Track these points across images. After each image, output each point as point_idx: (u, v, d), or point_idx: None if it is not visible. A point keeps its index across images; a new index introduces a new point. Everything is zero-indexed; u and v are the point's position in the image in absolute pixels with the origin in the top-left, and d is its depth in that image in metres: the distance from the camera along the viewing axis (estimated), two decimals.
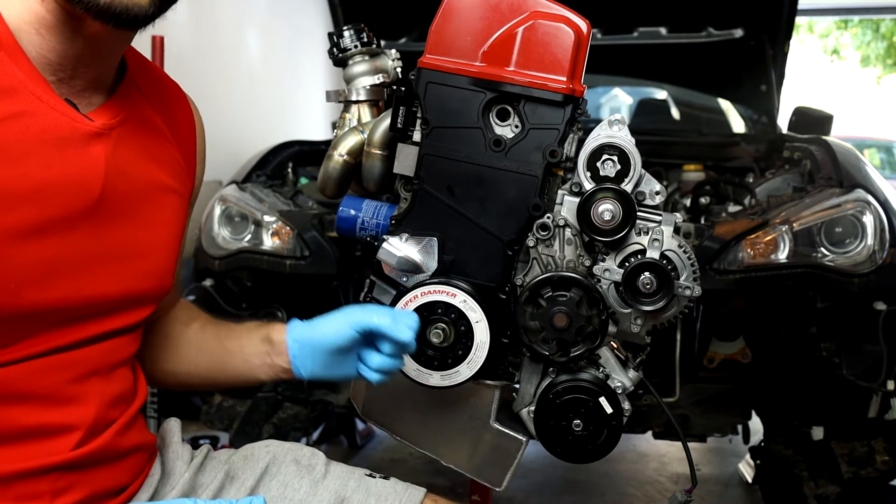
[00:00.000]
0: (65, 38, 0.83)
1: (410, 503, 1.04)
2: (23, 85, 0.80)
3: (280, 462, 1.07)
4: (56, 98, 0.83)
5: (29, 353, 0.83)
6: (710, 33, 3.33)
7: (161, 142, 0.98)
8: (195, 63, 3.79)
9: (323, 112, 5.47)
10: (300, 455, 1.08)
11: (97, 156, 0.86)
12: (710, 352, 2.39)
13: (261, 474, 1.05)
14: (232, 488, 1.04)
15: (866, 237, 2.11)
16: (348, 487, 1.05)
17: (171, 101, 1.03)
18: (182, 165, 1.02)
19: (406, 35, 3.37)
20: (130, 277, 0.91)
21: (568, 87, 1.00)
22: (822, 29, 14.75)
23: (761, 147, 3.07)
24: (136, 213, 0.92)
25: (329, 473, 1.07)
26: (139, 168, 0.93)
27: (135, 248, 0.92)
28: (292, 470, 1.06)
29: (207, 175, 1.12)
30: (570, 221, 1.03)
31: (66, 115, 0.84)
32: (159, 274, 0.96)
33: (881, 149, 10.42)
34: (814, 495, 2.33)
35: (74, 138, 0.84)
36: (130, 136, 0.92)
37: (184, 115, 1.05)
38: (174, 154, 1.00)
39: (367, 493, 1.05)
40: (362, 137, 1.16)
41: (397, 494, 1.05)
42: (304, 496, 1.04)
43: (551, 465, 3.02)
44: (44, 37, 0.82)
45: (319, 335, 1.00)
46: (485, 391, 1.08)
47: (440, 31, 1.03)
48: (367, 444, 3.38)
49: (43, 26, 0.82)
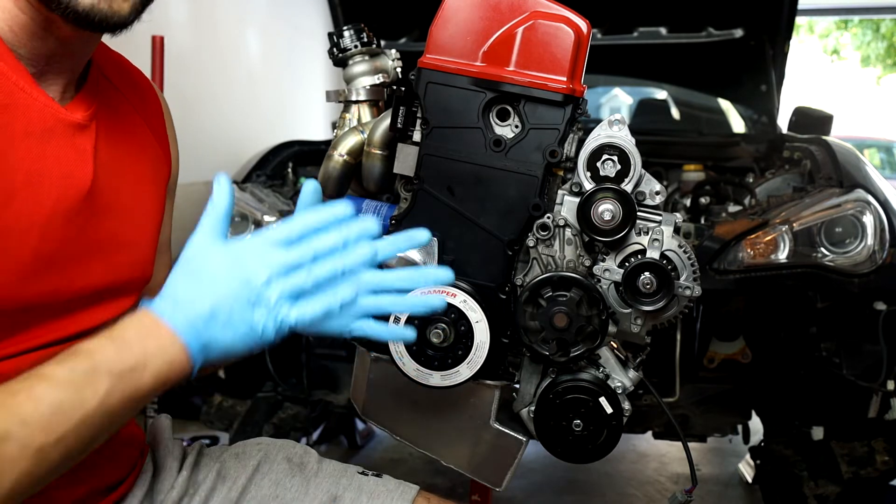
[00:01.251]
0: (36, 36, 0.82)
1: (403, 501, 1.04)
2: (4, 76, 0.79)
3: (272, 460, 1.07)
4: (38, 90, 0.83)
5: (21, 348, 0.82)
6: (710, 33, 3.33)
7: (137, 130, 0.98)
8: (195, 63, 3.79)
9: (323, 112, 5.47)
10: (292, 453, 1.09)
11: (84, 147, 0.86)
12: (710, 352, 2.38)
13: (252, 472, 1.05)
14: (224, 487, 1.04)
15: (866, 237, 2.11)
16: (340, 485, 1.05)
17: (139, 87, 1.03)
18: (159, 153, 1.02)
19: (406, 35, 3.37)
20: (118, 267, 0.91)
21: (568, 87, 1.00)
22: (822, 29, 14.76)
23: (761, 147, 3.07)
24: (121, 203, 0.92)
25: (321, 471, 1.07)
26: (121, 158, 0.93)
27: (121, 238, 0.92)
28: (284, 468, 1.06)
29: (208, 175, 1.12)
30: (570, 221, 1.03)
31: (48, 107, 0.83)
32: (143, 263, 0.96)
33: (881, 149, 10.42)
34: (814, 495, 2.33)
35: (59, 130, 0.84)
36: (109, 126, 0.92)
37: (153, 101, 1.04)
38: (151, 141, 1.01)
39: (359, 491, 1.05)
40: (362, 137, 1.16)
41: (389, 492, 1.05)
42: (295, 494, 1.04)
43: (551, 465, 3.02)
44: (16, 33, 0.81)
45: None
46: (485, 391, 1.08)
47: (440, 31, 1.03)
48: (367, 444, 3.38)
49: (16, 23, 0.81)
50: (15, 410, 0.64)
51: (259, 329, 0.75)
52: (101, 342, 0.71)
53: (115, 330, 0.73)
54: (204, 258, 0.76)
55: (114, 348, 0.71)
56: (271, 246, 0.76)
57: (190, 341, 0.73)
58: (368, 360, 1.10)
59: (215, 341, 0.74)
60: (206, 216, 0.79)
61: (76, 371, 0.68)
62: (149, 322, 0.73)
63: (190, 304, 0.74)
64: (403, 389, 1.06)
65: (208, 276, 0.75)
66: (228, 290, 0.74)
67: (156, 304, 0.74)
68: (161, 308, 0.74)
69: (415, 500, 1.05)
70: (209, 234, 0.78)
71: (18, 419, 0.64)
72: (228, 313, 0.74)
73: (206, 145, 3.79)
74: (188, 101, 3.65)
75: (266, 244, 0.77)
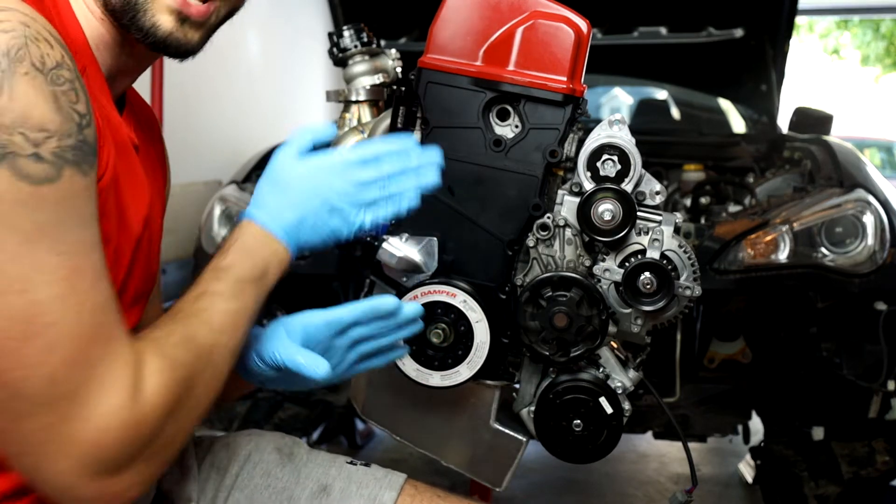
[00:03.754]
0: (115, 55, 0.88)
1: (391, 488, 1.05)
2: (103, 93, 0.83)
3: (262, 450, 1.08)
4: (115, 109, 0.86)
5: None
6: (711, 33, 3.33)
7: (153, 152, 1.02)
8: (195, 63, 3.77)
9: (323, 112, 5.47)
10: (281, 443, 1.10)
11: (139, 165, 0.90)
12: (710, 352, 2.39)
13: (243, 463, 1.07)
14: (217, 477, 1.06)
15: (866, 237, 2.11)
16: (330, 474, 1.06)
17: (145, 107, 1.06)
18: (162, 169, 1.06)
19: (406, 35, 3.37)
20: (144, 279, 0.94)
21: (568, 87, 1.00)
22: (822, 29, 14.75)
23: (761, 147, 3.07)
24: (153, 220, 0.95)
25: (310, 461, 1.08)
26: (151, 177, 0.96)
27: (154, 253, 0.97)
28: (274, 458, 1.08)
29: (208, 175, 1.13)
30: (570, 221, 1.03)
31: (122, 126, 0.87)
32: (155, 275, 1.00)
33: (881, 149, 10.41)
34: (814, 495, 2.33)
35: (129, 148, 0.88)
36: (143, 147, 0.96)
37: (153, 117, 1.08)
38: (156, 157, 1.04)
39: (348, 480, 1.06)
40: (362, 137, 1.16)
41: (377, 480, 1.06)
42: (286, 484, 1.05)
43: (551, 465, 3.02)
44: (100, 52, 0.86)
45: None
46: (485, 391, 1.08)
47: (440, 30, 1.03)
48: (367, 444, 3.38)
49: (102, 43, 0.86)
50: (207, 322, 0.79)
51: (339, 231, 0.89)
52: (234, 257, 0.85)
53: (238, 242, 0.86)
54: (286, 171, 0.88)
55: (248, 260, 0.85)
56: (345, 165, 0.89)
57: (289, 243, 0.88)
58: None
59: (305, 242, 0.89)
60: (294, 134, 0.91)
61: (230, 283, 0.83)
62: (257, 232, 0.87)
63: (280, 214, 0.87)
64: (403, 389, 1.06)
65: (292, 189, 0.88)
66: (309, 202, 0.88)
67: (254, 214, 0.87)
68: (261, 218, 0.87)
69: (402, 488, 1.06)
70: (292, 151, 0.89)
71: (216, 328, 0.80)
72: (313, 221, 0.88)
73: (206, 145, 3.79)
74: (188, 101, 3.64)
75: (341, 163, 0.89)
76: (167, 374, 0.73)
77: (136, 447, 0.70)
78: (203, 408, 0.79)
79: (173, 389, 0.73)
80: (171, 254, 2.91)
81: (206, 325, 0.79)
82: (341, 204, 0.88)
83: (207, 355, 0.78)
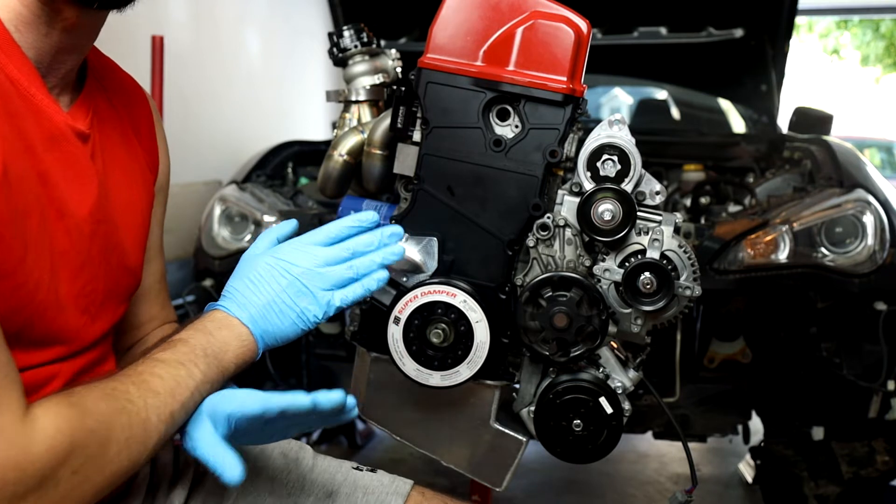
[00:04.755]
0: (41, 33, 0.81)
1: (397, 495, 1.05)
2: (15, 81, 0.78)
3: (268, 455, 1.07)
4: (47, 95, 0.82)
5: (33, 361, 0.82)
6: (710, 33, 3.33)
7: (125, 136, 0.99)
8: (195, 63, 3.79)
9: (323, 112, 5.47)
10: (287, 448, 1.09)
11: (87, 156, 0.87)
12: (710, 352, 2.39)
13: (249, 468, 1.05)
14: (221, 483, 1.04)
15: (866, 237, 2.11)
16: (336, 481, 1.06)
17: (126, 91, 1.03)
18: (145, 158, 1.03)
19: (406, 35, 3.37)
20: (115, 275, 0.93)
21: (568, 87, 1.00)
22: (822, 29, 14.75)
23: (761, 147, 3.07)
24: (115, 212, 0.92)
25: (316, 467, 1.08)
26: (112, 166, 0.93)
27: (117, 246, 0.93)
28: (280, 463, 1.07)
29: (208, 175, 1.12)
30: (570, 221, 1.03)
31: (58, 114, 0.83)
32: (135, 269, 0.98)
33: (881, 149, 10.41)
34: (814, 495, 2.33)
35: (66, 137, 0.84)
36: (105, 135, 0.93)
37: (140, 104, 1.05)
38: (136, 147, 1.01)
39: (354, 486, 1.05)
40: (362, 137, 1.16)
41: (384, 487, 1.06)
42: (291, 489, 1.05)
43: (551, 465, 3.02)
44: (22, 33, 0.80)
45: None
46: (485, 391, 1.08)
47: (440, 30, 1.03)
48: (367, 444, 3.38)
49: (21, 22, 0.80)
50: (141, 382, 0.78)
51: (308, 312, 0.89)
52: (189, 333, 0.86)
53: (197, 324, 0.87)
54: (253, 262, 0.91)
55: (202, 336, 0.85)
56: (309, 243, 0.92)
57: (253, 329, 0.88)
58: (368, 359, 1.10)
59: (274, 327, 0.89)
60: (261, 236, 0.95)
61: (180, 353, 0.82)
62: (221, 316, 0.88)
63: (246, 300, 0.89)
64: (403, 390, 1.06)
65: (257, 274, 0.90)
66: (275, 283, 0.89)
67: (221, 304, 0.90)
68: (226, 305, 0.89)
69: (409, 495, 1.05)
70: (259, 246, 0.94)
71: (150, 389, 0.78)
72: (280, 303, 0.89)
73: (206, 145, 3.79)
74: (188, 101, 3.64)
75: (305, 245, 0.92)
76: (71, 420, 0.69)
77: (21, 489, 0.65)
78: (121, 465, 0.73)
79: (74, 435, 0.69)
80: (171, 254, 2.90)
81: (137, 385, 0.77)
82: (309, 282, 0.89)
83: (133, 412, 0.74)
